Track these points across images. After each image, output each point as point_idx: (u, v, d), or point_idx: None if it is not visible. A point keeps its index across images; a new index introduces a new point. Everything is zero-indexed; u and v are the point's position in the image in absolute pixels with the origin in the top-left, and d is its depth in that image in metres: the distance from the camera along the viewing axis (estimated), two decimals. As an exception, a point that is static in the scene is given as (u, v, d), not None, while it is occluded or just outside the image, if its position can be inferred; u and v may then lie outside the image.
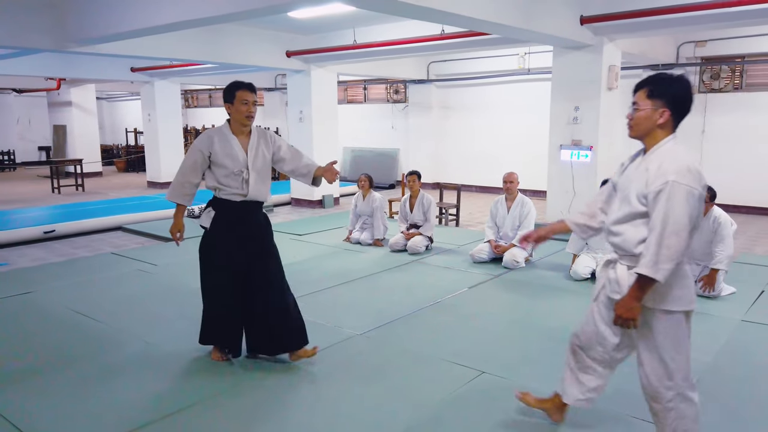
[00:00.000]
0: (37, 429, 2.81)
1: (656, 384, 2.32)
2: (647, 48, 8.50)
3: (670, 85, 2.24)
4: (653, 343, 2.29)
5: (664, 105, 2.23)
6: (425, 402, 3.06)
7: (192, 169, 3.39)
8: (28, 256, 6.67)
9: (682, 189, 2.11)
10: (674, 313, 2.25)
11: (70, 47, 7.21)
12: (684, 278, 2.24)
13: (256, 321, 3.45)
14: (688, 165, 2.14)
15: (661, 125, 2.25)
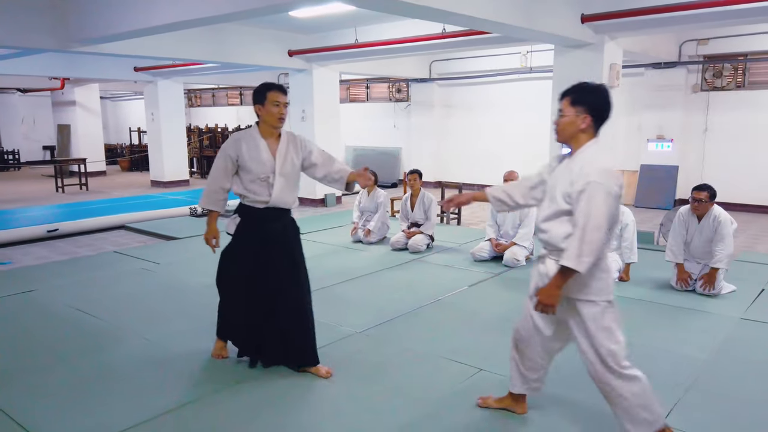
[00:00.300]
0: (38, 425, 2.83)
1: (599, 369, 2.48)
2: (649, 46, 8.48)
3: (590, 93, 2.46)
4: (586, 332, 2.48)
5: (586, 111, 2.44)
6: (423, 399, 3.08)
7: (223, 174, 3.30)
8: (32, 254, 6.71)
9: (602, 189, 2.30)
10: (598, 302, 2.44)
11: (72, 47, 7.24)
12: (604, 271, 2.45)
13: (265, 329, 3.33)
14: (606, 167, 2.37)
15: (584, 130, 2.46)
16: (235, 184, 3.32)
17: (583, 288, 2.43)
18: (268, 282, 3.28)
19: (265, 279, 3.28)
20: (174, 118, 13.31)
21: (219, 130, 16.13)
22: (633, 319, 4.32)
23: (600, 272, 2.43)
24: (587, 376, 2.60)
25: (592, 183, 2.31)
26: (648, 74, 9.88)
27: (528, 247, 5.88)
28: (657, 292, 4.93)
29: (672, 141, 9.79)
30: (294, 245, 3.38)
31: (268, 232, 3.28)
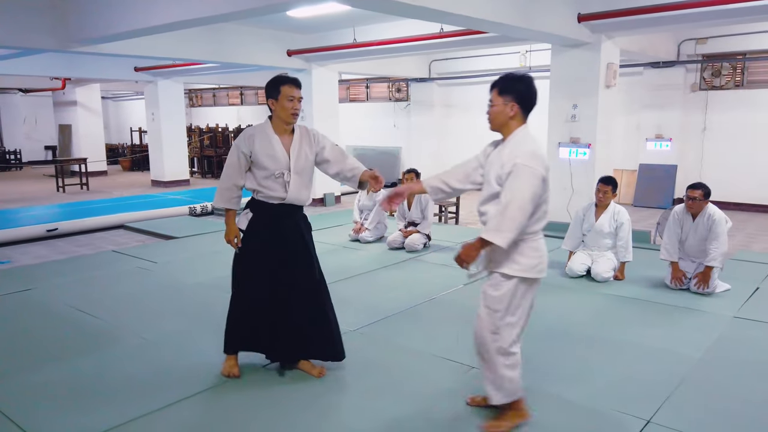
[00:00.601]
0: (35, 424, 2.86)
1: (486, 335, 2.65)
2: (647, 45, 8.50)
3: (516, 83, 2.62)
4: (489, 301, 2.63)
5: (513, 100, 2.61)
6: (416, 396, 3.10)
7: (235, 171, 3.18)
8: (31, 254, 6.75)
9: (527, 170, 2.48)
10: (511, 277, 2.59)
11: (72, 47, 7.28)
12: (535, 250, 2.60)
13: (281, 326, 3.24)
14: (533, 150, 2.55)
15: (512, 117, 2.63)
16: (247, 180, 3.21)
17: (498, 262, 2.60)
18: (282, 279, 3.20)
19: (280, 276, 3.20)
20: (174, 118, 13.34)
21: (220, 129, 16.17)
22: (628, 317, 4.35)
23: (531, 251, 2.58)
24: (578, 374, 2.62)
25: (518, 165, 2.48)
26: (646, 73, 9.89)
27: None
28: (652, 290, 4.94)
29: (671, 140, 9.80)
30: (308, 242, 3.31)
31: (282, 228, 3.20)
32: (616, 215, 5.22)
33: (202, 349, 3.74)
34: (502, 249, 2.52)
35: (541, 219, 2.61)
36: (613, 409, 2.95)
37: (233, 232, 3.28)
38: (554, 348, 3.76)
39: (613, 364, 3.50)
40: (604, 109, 7.26)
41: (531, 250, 2.58)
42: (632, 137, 10.22)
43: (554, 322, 4.20)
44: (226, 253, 4.71)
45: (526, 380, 3.20)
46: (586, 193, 7.14)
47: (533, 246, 2.59)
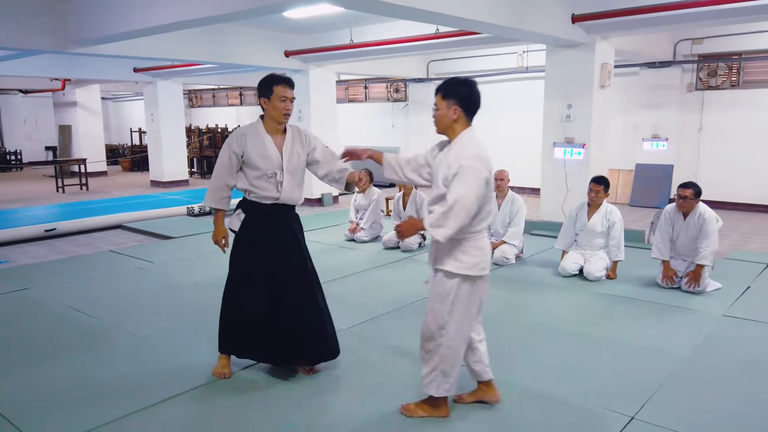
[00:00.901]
0: (27, 421, 2.90)
1: (433, 330, 2.73)
2: (643, 45, 8.52)
3: (459, 87, 2.70)
4: (434, 297, 2.74)
5: (456, 103, 2.68)
6: (403, 394, 3.13)
7: (227, 171, 3.17)
8: (29, 253, 6.80)
9: (472, 171, 2.56)
10: (454, 275, 2.66)
11: (70, 48, 7.32)
12: (478, 249, 2.67)
13: (275, 330, 3.21)
14: (478, 152, 2.62)
15: (456, 120, 2.70)
16: (239, 180, 3.20)
17: (453, 261, 2.67)
18: (278, 279, 3.20)
19: (276, 276, 3.20)
20: (173, 119, 13.39)
21: (219, 130, 16.21)
22: (618, 316, 4.39)
23: (474, 249, 2.67)
24: (566, 371, 2.65)
25: (464, 166, 2.56)
26: (643, 73, 9.91)
27: (518, 245, 5.94)
28: (643, 289, 4.98)
29: (667, 140, 9.82)
30: (301, 241, 3.32)
31: (275, 228, 3.20)
32: (608, 215, 5.26)
33: (198, 348, 3.78)
34: (446, 248, 2.65)
35: (485, 219, 2.70)
36: (597, 405, 2.99)
37: (221, 233, 3.32)
38: (543, 345, 3.80)
39: (601, 362, 3.54)
40: (599, 110, 7.29)
41: (474, 249, 2.66)
42: (629, 137, 10.25)
43: (545, 320, 4.24)
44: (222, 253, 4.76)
45: (513, 376, 3.25)
46: (581, 192, 7.15)
47: (476, 245, 2.67)
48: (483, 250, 2.69)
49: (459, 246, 2.65)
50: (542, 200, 7.86)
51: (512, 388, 3.14)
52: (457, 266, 2.66)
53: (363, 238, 6.97)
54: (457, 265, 2.66)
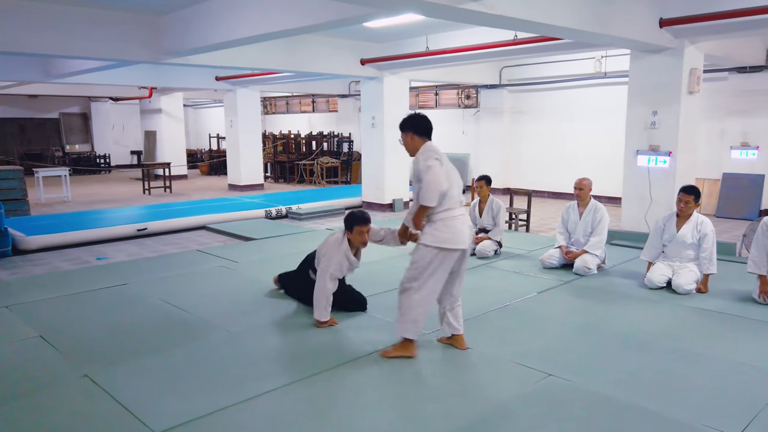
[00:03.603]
0: (136, 405, 3.11)
1: (406, 283, 3.61)
2: (733, 50, 8.13)
3: (407, 121, 3.67)
4: (412, 261, 3.61)
5: (410, 131, 3.64)
6: (490, 400, 3.15)
7: None
8: (124, 251, 7.26)
9: (420, 159, 3.50)
10: (427, 246, 3.51)
11: (163, 59, 7.80)
12: (447, 227, 3.49)
13: None
14: (424, 149, 3.56)
15: (414, 140, 3.64)
16: None
17: (427, 236, 3.51)
18: None
19: None
20: (251, 125, 13.94)
21: (292, 136, 16.71)
22: (713, 331, 4.21)
23: (444, 227, 3.48)
24: (661, 386, 2.57)
25: (419, 160, 3.50)
26: (732, 79, 9.45)
27: (600, 255, 5.80)
28: (738, 304, 4.74)
29: (758, 148, 9.31)
30: None
31: None
32: (699, 226, 5.06)
33: (287, 346, 3.94)
34: (425, 227, 3.54)
35: (448, 202, 3.50)
36: (698, 422, 2.89)
37: None
38: (635, 358, 3.70)
39: (697, 377, 3.42)
40: (687, 117, 7.02)
41: (444, 227, 3.48)
42: (715, 145, 9.78)
43: (634, 333, 4.13)
44: (302, 255, 4.95)
45: (607, 389, 3.19)
46: (666, 203, 6.93)
47: (447, 224, 3.48)
48: (453, 229, 3.49)
49: (433, 225, 3.49)
50: (623, 209, 7.64)
51: (607, 401, 3.09)
52: (429, 240, 3.49)
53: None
54: (430, 239, 3.49)
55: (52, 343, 3.99)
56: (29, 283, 5.68)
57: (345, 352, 3.81)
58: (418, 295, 3.54)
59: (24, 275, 6.06)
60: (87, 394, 3.25)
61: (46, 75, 10.44)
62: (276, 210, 9.67)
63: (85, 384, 3.37)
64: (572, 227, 5.99)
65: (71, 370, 3.56)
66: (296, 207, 9.89)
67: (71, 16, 6.93)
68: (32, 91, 14.69)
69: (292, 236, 7.82)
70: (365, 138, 10.95)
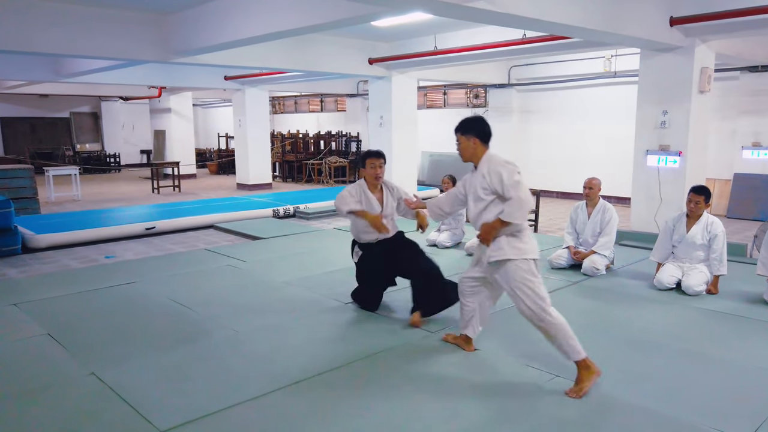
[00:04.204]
0: (142, 404, 3.12)
1: (528, 314, 3.30)
2: (744, 49, 8.04)
3: (473, 123, 3.44)
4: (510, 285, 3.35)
5: (474, 136, 3.40)
6: (497, 401, 3.13)
7: None
8: (132, 250, 7.30)
9: (509, 168, 3.27)
10: (516, 260, 3.29)
11: (171, 59, 7.83)
12: (529, 238, 3.35)
13: None
14: (496, 158, 3.35)
15: (477, 147, 3.41)
16: None
17: (508, 250, 3.28)
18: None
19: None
20: (260, 124, 13.97)
21: (300, 135, 16.73)
22: (723, 333, 4.16)
23: (527, 238, 3.34)
24: (671, 387, 2.53)
25: (503, 171, 3.25)
26: (743, 78, 9.35)
27: (608, 255, 5.75)
28: (748, 306, 4.69)
29: (770, 148, 9.20)
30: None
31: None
32: (710, 226, 5.00)
33: (291, 344, 3.93)
34: (502, 239, 3.30)
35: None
36: (707, 425, 2.85)
37: None
38: (644, 360, 3.66)
39: (707, 379, 3.38)
40: (697, 116, 6.95)
41: (526, 238, 3.34)
42: (725, 145, 9.68)
43: (643, 334, 4.09)
44: (309, 254, 4.92)
45: (616, 392, 3.17)
46: (676, 203, 6.87)
47: (526, 234, 3.35)
48: (532, 239, 3.38)
49: (515, 238, 3.30)
50: (633, 210, 7.58)
51: (615, 403, 3.07)
52: (518, 253, 3.28)
53: (445, 243, 6.98)
54: (517, 252, 3.28)
55: (60, 341, 4.01)
56: (38, 281, 5.71)
57: (350, 351, 3.80)
58: (553, 316, 3.23)
59: (33, 273, 6.11)
60: (93, 392, 3.26)
61: (56, 74, 10.52)
62: (284, 209, 9.68)
63: (92, 382, 3.38)
64: (581, 227, 5.95)
65: (78, 368, 3.57)
66: (304, 206, 9.90)
67: (80, 16, 6.97)
68: (43, 90, 14.81)
69: (300, 235, 7.82)
70: (373, 137, 10.94)
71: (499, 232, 3.30)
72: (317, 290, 5.20)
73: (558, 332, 3.20)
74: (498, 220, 3.27)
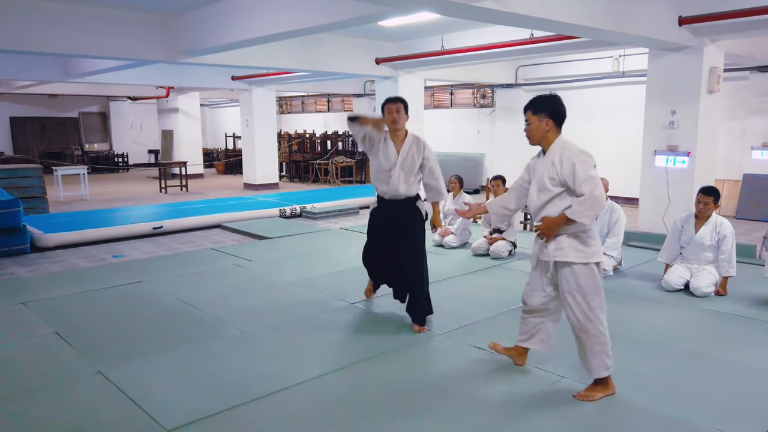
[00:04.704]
0: (148, 403, 3.13)
1: (577, 315, 3.08)
2: (754, 48, 7.98)
3: (546, 102, 3.04)
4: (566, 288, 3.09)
5: (547, 116, 3.01)
6: (503, 402, 3.11)
7: None
8: (140, 249, 7.33)
9: (587, 163, 2.91)
10: (578, 264, 3.01)
11: (179, 59, 7.86)
12: (594, 239, 3.03)
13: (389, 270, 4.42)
14: (581, 149, 2.98)
15: (551, 130, 3.03)
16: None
17: (571, 252, 3.01)
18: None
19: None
20: (267, 124, 14.00)
21: (307, 135, 16.75)
22: (731, 335, 4.13)
23: (591, 240, 3.03)
24: (678, 389, 2.52)
25: (577, 162, 2.91)
26: (753, 78, 9.27)
27: (616, 256, 5.72)
28: (757, 308, 4.65)
29: (780, 149, 9.12)
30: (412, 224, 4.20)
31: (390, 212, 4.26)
32: (719, 227, 4.96)
33: (296, 345, 3.94)
34: (564, 239, 3.01)
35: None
36: (714, 427, 2.83)
37: None
38: (652, 362, 3.63)
39: (714, 381, 3.35)
40: (706, 116, 6.90)
41: (591, 240, 3.03)
42: (735, 145, 9.61)
43: (651, 336, 4.06)
44: (315, 253, 4.92)
45: (624, 394, 3.14)
46: (684, 203, 6.82)
47: (591, 235, 3.03)
48: (597, 240, 3.07)
49: (580, 238, 3.00)
50: (641, 210, 7.53)
51: (621, 405, 3.05)
52: (583, 257, 3.00)
53: (452, 243, 6.97)
54: (582, 255, 3.00)
55: (67, 340, 4.04)
56: (46, 280, 5.75)
57: (356, 352, 3.80)
58: (601, 324, 3.05)
59: (41, 272, 6.14)
60: (100, 391, 3.28)
61: (65, 74, 10.58)
62: (290, 209, 9.70)
63: (99, 381, 3.39)
64: (588, 227, 5.91)
65: (85, 367, 3.59)
66: (310, 206, 9.91)
67: (87, 16, 7.01)
68: (52, 90, 14.91)
69: (306, 235, 7.83)
70: (380, 137, 10.92)
71: (562, 230, 3.01)
72: (323, 290, 5.20)
73: (595, 346, 3.02)
74: (563, 216, 2.95)
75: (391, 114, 3.97)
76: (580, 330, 3.06)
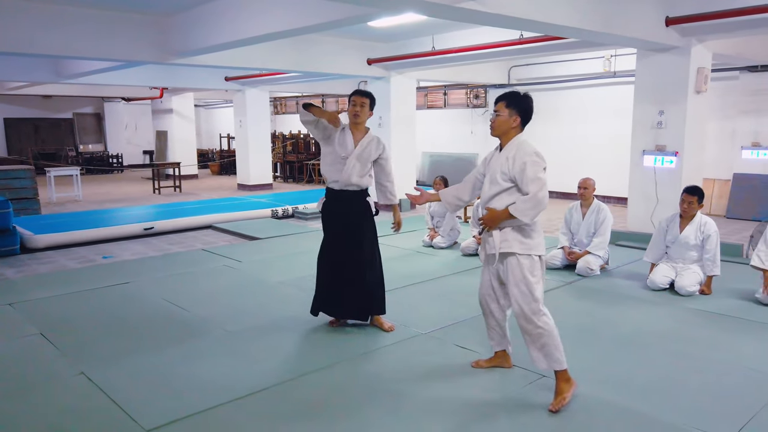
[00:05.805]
0: (129, 403, 3.14)
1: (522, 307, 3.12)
2: (744, 48, 8.00)
3: (522, 99, 3.13)
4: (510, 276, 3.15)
5: (518, 113, 3.10)
6: (481, 402, 3.13)
7: None
8: (130, 250, 7.33)
9: (537, 165, 3.01)
10: (521, 255, 3.09)
11: (171, 59, 7.86)
12: (537, 232, 3.12)
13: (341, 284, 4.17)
14: (536, 150, 3.06)
15: (516, 127, 3.13)
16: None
17: (515, 244, 3.08)
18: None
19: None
20: (260, 125, 13.99)
21: (302, 136, 16.75)
22: (713, 333, 4.15)
23: (534, 233, 3.10)
24: (656, 388, 2.54)
25: (528, 162, 3.00)
26: (743, 78, 9.31)
27: (603, 256, 5.74)
28: (740, 306, 4.68)
29: (770, 148, 9.16)
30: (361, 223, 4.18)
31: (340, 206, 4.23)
32: (703, 227, 4.99)
33: (281, 344, 3.95)
34: (508, 231, 3.09)
35: None
36: (692, 426, 2.85)
37: None
38: (633, 361, 3.66)
39: (695, 381, 3.37)
40: (694, 116, 6.93)
41: (534, 233, 3.11)
42: (725, 145, 9.64)
43: (634, 335, 4.08)
44: (306, 254, 4.94)
45: (602, 393, 3.16)
46: (672, 203, 6.83)
47: (536, 229, 3.12)
48: (541, 233, 3.15)
49: (524, 230, 3.09)
50: (629, 210, 7.56)
51: (602, 405, 3.07)
52: (524, 248, 3.08)
53: (440, 244, 6.99)
54: (523, 247, 3.08)
55: (52, 341, 4.04)
56: (34, 281, 5.75)
57: (339, 351, 3.82)
58: (545, 315, 3.09)
59: (30, 273, 6.15)
60: (81, 391, 3.29)
61: (58, 75, 10.57)
62: (282, 210, 9.71)
63: (81, 381, 3.40)
64: (575, 228, 5.95)
65: (68, 368, 3.60)
66: (302, 207, 9.91)
67: (79, 17, 7.00)
68: (46, 91, 14.89)
69: (297, 236, 7.84)
70: (372, 138, 10.93)
71: (507, 223, 3.08)
72: (311, 290, 5.19)
73: (542, 338, 3.07)
74: (506, 211, 3.03)
75: (354, 106, 3.96)
76: (526, 321, 3.09)
